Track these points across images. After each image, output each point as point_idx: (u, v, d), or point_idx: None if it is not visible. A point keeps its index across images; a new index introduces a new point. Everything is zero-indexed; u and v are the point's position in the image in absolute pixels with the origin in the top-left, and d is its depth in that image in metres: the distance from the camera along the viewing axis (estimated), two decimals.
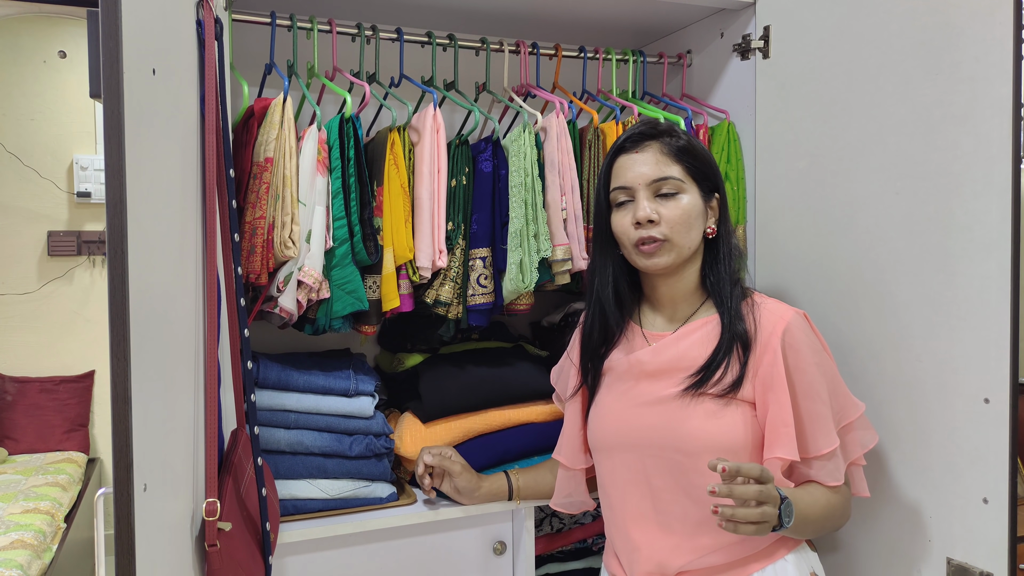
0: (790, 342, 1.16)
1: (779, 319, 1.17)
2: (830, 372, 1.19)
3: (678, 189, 1.20)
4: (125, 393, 0.77)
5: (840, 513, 1.19)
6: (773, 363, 1.15)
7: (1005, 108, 1.10)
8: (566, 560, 1.72)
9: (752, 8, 1.60)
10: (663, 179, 1.20)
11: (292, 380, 1.41)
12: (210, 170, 1.10)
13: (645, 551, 1.20)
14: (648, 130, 1.24)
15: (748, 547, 1.17)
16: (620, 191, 1.22)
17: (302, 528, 1.34)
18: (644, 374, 1.23)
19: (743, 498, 0.99)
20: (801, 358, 1.16)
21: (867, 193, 1.33)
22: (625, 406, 1.23)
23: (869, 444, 1.22)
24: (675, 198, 1.19)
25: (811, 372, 1.16)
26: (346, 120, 1.37)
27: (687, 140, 1.23)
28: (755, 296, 1.23)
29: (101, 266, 3.71)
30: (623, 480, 1.23)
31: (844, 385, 1.21)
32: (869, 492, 1.24)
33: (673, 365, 1.20)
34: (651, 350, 1.23)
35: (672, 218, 1.19)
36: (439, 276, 1.44)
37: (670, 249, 1.19)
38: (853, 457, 1.20)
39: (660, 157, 1.21)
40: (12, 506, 2.72)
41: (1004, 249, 1.11)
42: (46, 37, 3.63)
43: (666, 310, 1.27)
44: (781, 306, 1.21)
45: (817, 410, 1.15)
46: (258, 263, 1.28)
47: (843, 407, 1.19)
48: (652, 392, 1.20)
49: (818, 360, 1.17)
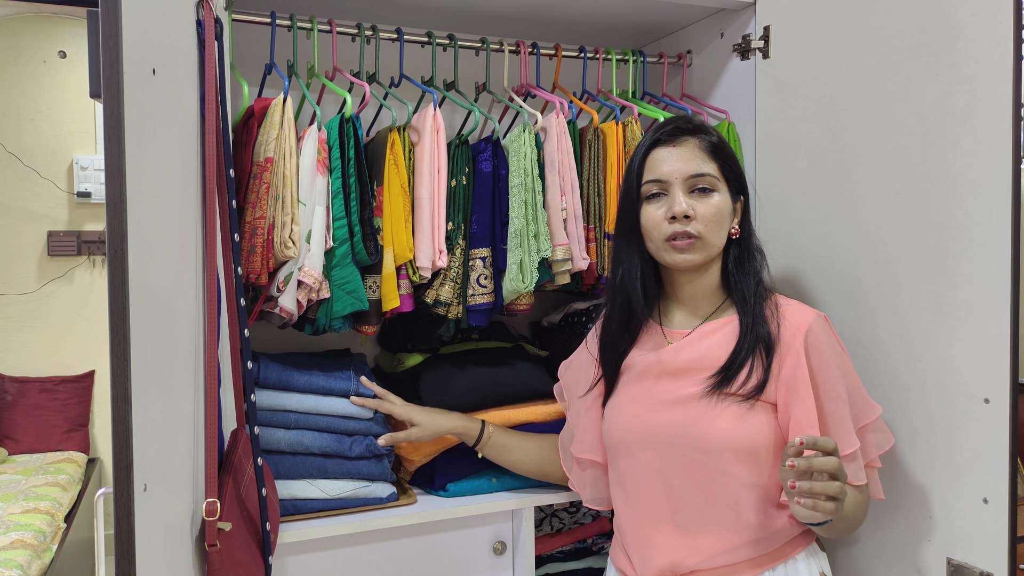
0: (812, 343, 1.16)
1: (802, 320, 1.18)
2: (850, 374, 1.19)
3: (713, 187, 1.19)
4: (125, 393, 0.77)
5: (862, 514, 1.20)
6: (796, 364, 1.15)
7: (1005, 108, 1.10)
8: (566, 560, 1.72)
9: (752, 8, 1.60)
10: (700, 175, 1.19)
11: (292, 380, 1.41)
12: (210, 170, 1.10)
13: (658, 549, 1.20)
14: (685, 124, 1.23)
15: (760, 547, 1.17)
16: (654, 183, 1.20)
17: (302, 528, 1.34)
18: (664, 372, 1.22)
19: (823, 470, 0.99)
20: (823, 359, 1.16)
21: (867, 193, 1.33)
22: (645, 404, 1.22)
23: (885, 446, 1.22)
24: (709, 195, 1.19)
25: (833, 374, 1.16)
26: (346, 120, 1.37)
27: (719, 138, 1.23)
28: (777, 298, 1.23)
29: (101, 266, 3.71)
30: (640, 478, 1.22)
31: (863, 387, 1.21)
32: (883, 495, 1.24)
33: (694, 364, 1.20)
34: (672, 348, 1.23)
35: (706, 215, 1.18)
36: (439, 276, 1.44)
37: (702, 247, 1.19)
38: (869, 459, 1.20)
39: (698, 153, 1.20)
40: (12, 506, 2.72)
41: (1004, 249, 1.11)
42: (46, 37, 3.64)
43: (687, 308, 1.27)
44: (803, 307, 1.21)
45: (839, 411, 1.16)
46: (258, 263, 1.28)
47: (861, 409, 1.19)
48: (673, 391, 1.20)
49: (839, 362, 1.18)
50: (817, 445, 1.00)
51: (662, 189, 1.21)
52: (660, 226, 1.20)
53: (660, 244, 1.21)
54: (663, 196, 1.21)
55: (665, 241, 1.20)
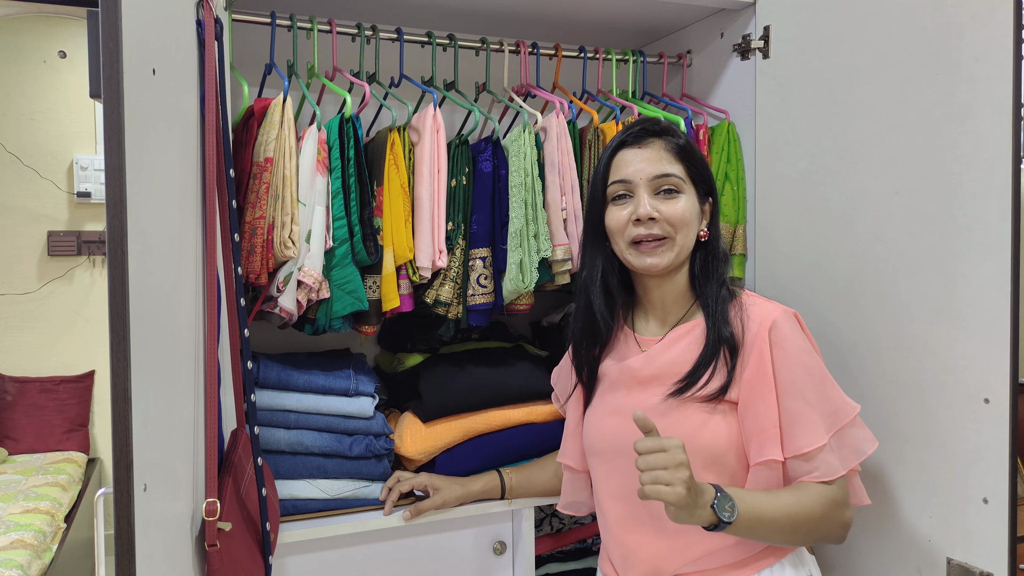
0: (776, 339, 1.14)
1: (765, 317, 1.16)
2: (818, 373, 1.15)
3: (678, 188, 1.18)
4: (125, 393, 0.77)
5: (823, 515, 1.10)
6: (760, 362, 1.14)
7: (1005, 108, 1.10)
8: (566, 560, 1.72)
9: (752, 8, 1.60)
10: (665, 175, 1.18)
11: (292, 380, 1.41)
12: (210, 170, 1.10)
13: (640, 555, 1.20)
14: (652, 126, 1.22)
15: (743, 550, 1.16)
16: (620, 184, 1.19)
17: (302, 528, 1.34)
18: (635, 381, 1.22)
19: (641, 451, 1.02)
20: (785, 355, 1.14)
21: (867, 193, 1.33)
22: (618, 413, 1.22)
23: (867, 450, 1.15)
24: (675, 196, 1.18)
25: (795, 371, 1.13)
26: (346, 120, 1.37)
27: (686, 141, 1.23)
28: (745, 296, 1.21)
29: (101, 266, 3.71)
30: (616, 485, 1.22)
31: (836, 387, 1.16)
32: (869, 499, 1.21)
33: (664, 371, 1.19)
34: (643, 357, 1.22)
35: (671, 216, 1.17)
36: (439, 276, 1.44)
37: (670, 248, 1.18)
38: (857, 461, 1.15)
39: (664, 154, 1.19)
40: (12, 506, 2.72)
41: (1004, 249, 1.11)
42: (46, 37, 3.63)
43: (658, 313, 1.26)
44: (769, 304, 1.19)
45: (798, 409, 1.12)
46: (258, 263, 1.28)
47: (836, 410, 1.14)
48: (643, 400, 1.19)
49: (804, 360, 1.14)
50: (646, 425, 1.03)
51: (627, 190, 1.19)
52: (625, 229, 1.19)
53: (625, 248, 1.20)
54: (628, 198, 1.20)
55: (630, 244, 1.19)
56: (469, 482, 1.44)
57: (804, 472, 1.13)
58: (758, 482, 1.13)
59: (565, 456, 1.38)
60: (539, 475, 1.47)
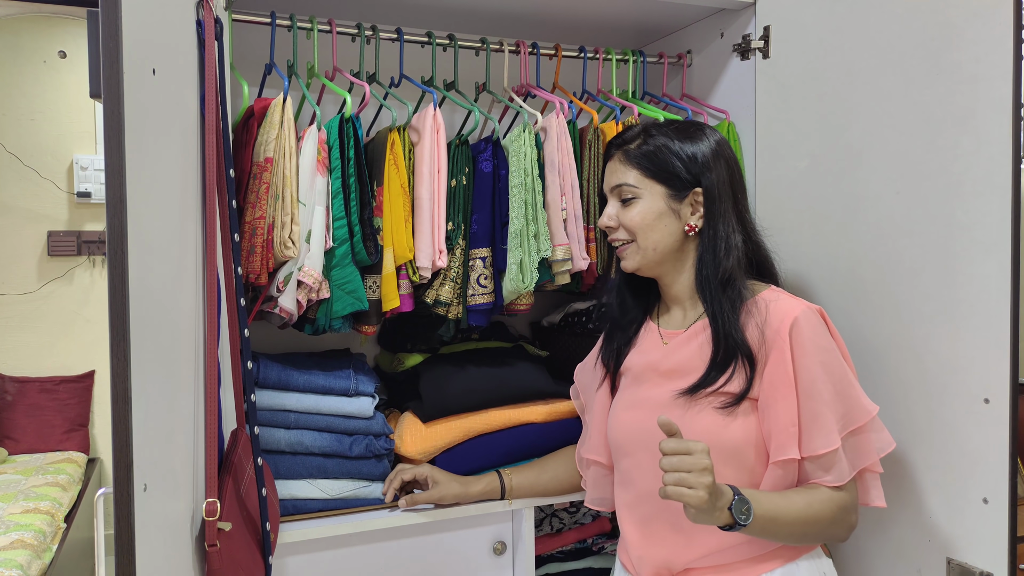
0: (796, 338, 1.14)
1: (787, 315, 1.15)
2: (838, 372, 1.14)
3: (633, 195, 1.24)
4: (125, 393, 0.77)
5: (833, 519, 1.13)
6: (780, 361, 1.14)
7: (1005, 108, 1.10)
8: (566, 560, 1.72)
9: (752, 8, 1.60)
10: (619, 186, 1.25)
11: (292, 380, 1.41)
12: (210, 170, 1.10)
13: (654, 548, 1.21)
14: (615, 138, 1.29)
15: (756, 547, 1.16)
16: (605, 195, 1.29)
17: (302, 528, 1.34)
18: (658, 374, 1.24)
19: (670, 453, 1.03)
20: (804, 354, 1.13)
21: (867, 193, 1.33)
22: (641, 406, 1.24)
23: (885, 449, 1.17)
24: (631, 203, 1.24)
25: (813, 370, 1.13)
26: (346, 120, 1.37)
27: (645, 141, 1.24)
28: (768, 293, 1.20)
29: (101, 266, 3.71)
30: (638, 479, 1.24)
31: (857, 387, 1.16)
32: (885, 502, 1.19)
33: (684, 365, 1.21)
34: (665, 350, 1.25)
35: (626, 222, 1.24)
36: (439, 276, 1.44)
37: (636, 250, 1.24)
38: (867, 463, 1.15)
39: (618, 166, 1.26)
40: (12, 506, 2.72)
41: (1004, 249, 1.11)
42: (46, 37, 3.63)
43: (678, 308, 1.28)
44: (793, 300, 1.18)
45: (816, 409, 1.12)
46: (258, 263, 1.28)
47: (851, 409, 1.14)
48: (664, 393, 1.20)
49: (824, 359, 1.14)
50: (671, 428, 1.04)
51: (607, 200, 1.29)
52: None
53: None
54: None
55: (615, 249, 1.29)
56: (469, 482, 1.44)
57: (817, 475, 1.14)
58: (774, 478, 1.14)
59: (591, 452, 1.38)
60: (540, 476, 1.47)
